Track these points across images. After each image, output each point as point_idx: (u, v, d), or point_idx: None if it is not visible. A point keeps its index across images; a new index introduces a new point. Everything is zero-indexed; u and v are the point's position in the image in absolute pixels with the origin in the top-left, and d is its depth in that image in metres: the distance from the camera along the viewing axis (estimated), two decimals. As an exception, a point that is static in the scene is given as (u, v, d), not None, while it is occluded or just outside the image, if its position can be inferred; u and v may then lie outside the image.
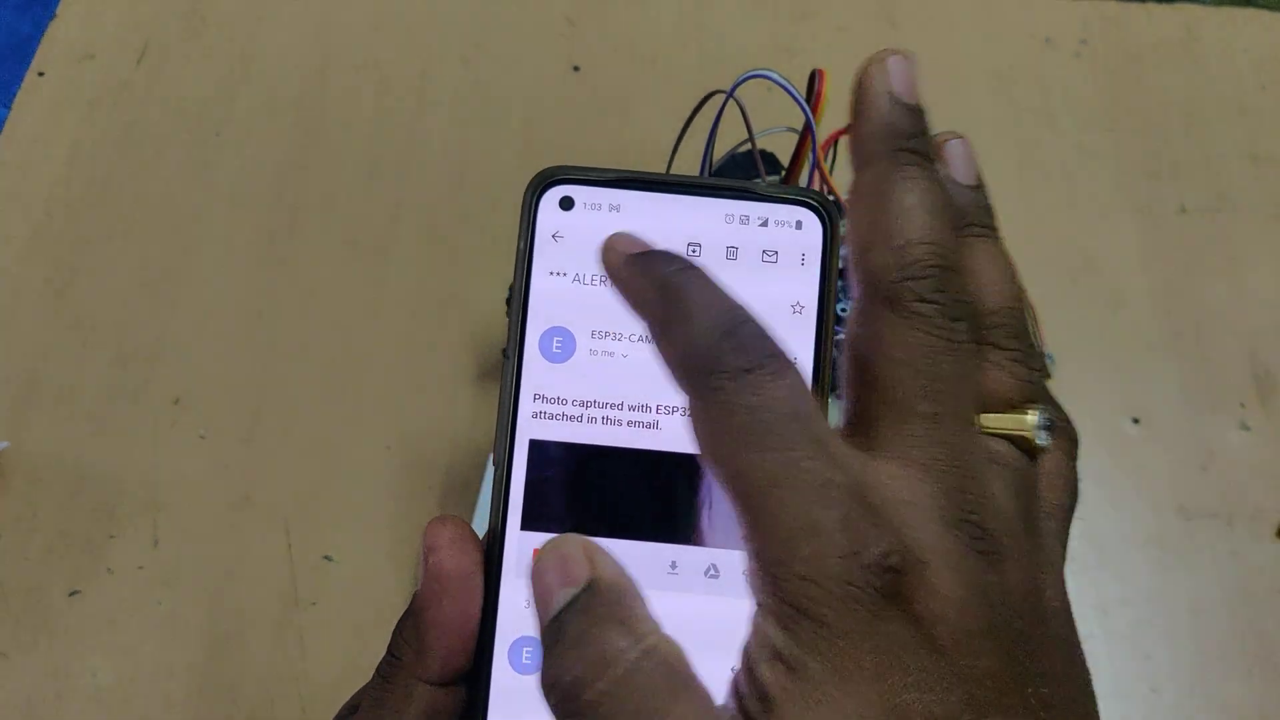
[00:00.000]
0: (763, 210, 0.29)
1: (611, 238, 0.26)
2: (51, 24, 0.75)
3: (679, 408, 0.28)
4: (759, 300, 0.27)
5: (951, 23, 0.78)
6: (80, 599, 0.53)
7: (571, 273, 0.29)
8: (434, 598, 0.28)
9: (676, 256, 0.25)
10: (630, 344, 0.29)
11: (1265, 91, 0.75)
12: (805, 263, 0.29)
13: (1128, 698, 0.53)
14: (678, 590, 0.28)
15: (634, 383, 0.28)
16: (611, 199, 0.30)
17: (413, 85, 0.73)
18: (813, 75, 0.43)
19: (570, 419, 0.28)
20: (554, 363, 0.29)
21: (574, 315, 0.29)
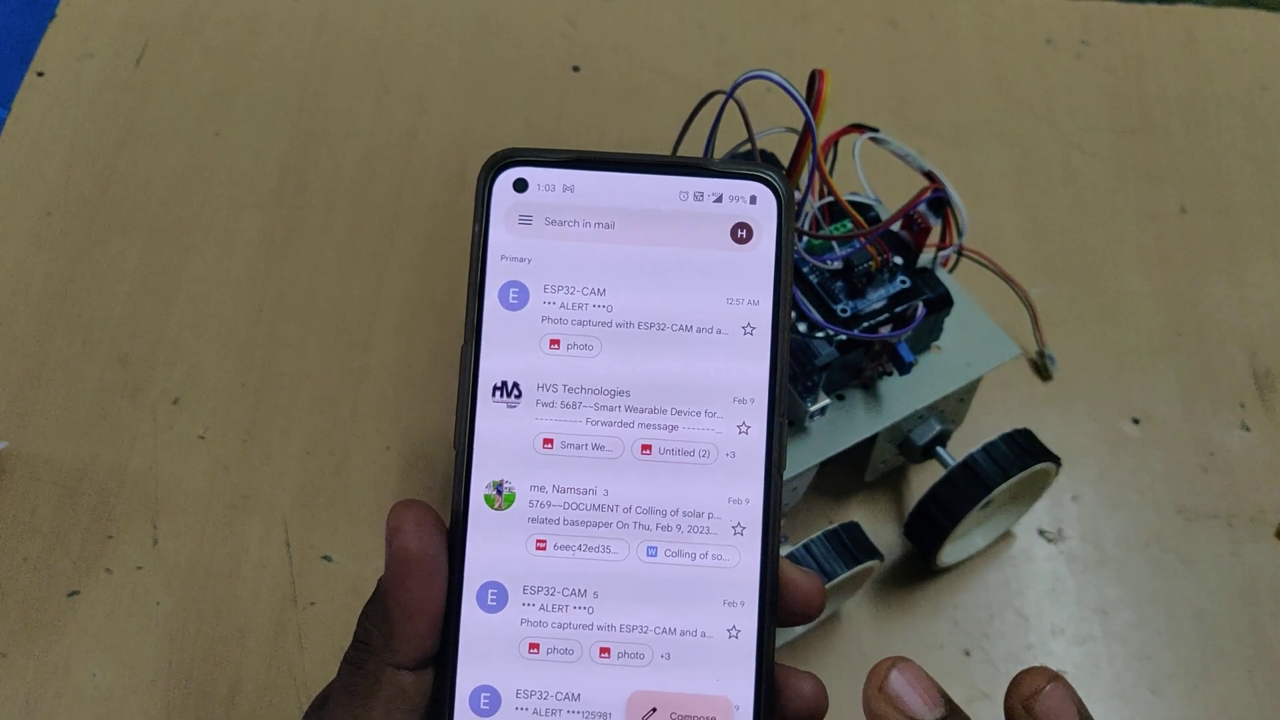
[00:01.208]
0: (716, 186, 0.30)
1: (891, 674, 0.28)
2: (51, 24, 0.75)
3: (631, 389, 0.29)
4: (718, 276, 0.28)
5: (951, 23, 0.78)
6: (79, 599, 0.53)
7: (527, 256, 0.29)
8: (399, 581, 0.28)
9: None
10: (599, 332, 0.29)
11: (1265, 91, 0.75)
12: (761, 236, 0.29)
13: (1128, 698, 0.53)
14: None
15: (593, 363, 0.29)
16: (565, 180, 0.30)
17: (413, 85, 0.73)
18: (813, 76, 0.42)
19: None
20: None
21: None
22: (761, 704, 0.28)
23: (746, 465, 0.28)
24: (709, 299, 0.29)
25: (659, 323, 0.29)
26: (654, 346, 0.29)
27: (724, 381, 0.29)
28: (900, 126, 0.72)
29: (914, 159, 0.50)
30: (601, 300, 0.29)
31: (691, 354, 0.29)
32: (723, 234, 0.29)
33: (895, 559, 0.56)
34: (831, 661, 0.53)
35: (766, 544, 0.28)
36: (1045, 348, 0.62)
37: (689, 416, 0.29)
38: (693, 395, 0.29)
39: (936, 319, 0.52)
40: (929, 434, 0.54)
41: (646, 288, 0.29)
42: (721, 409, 0.29)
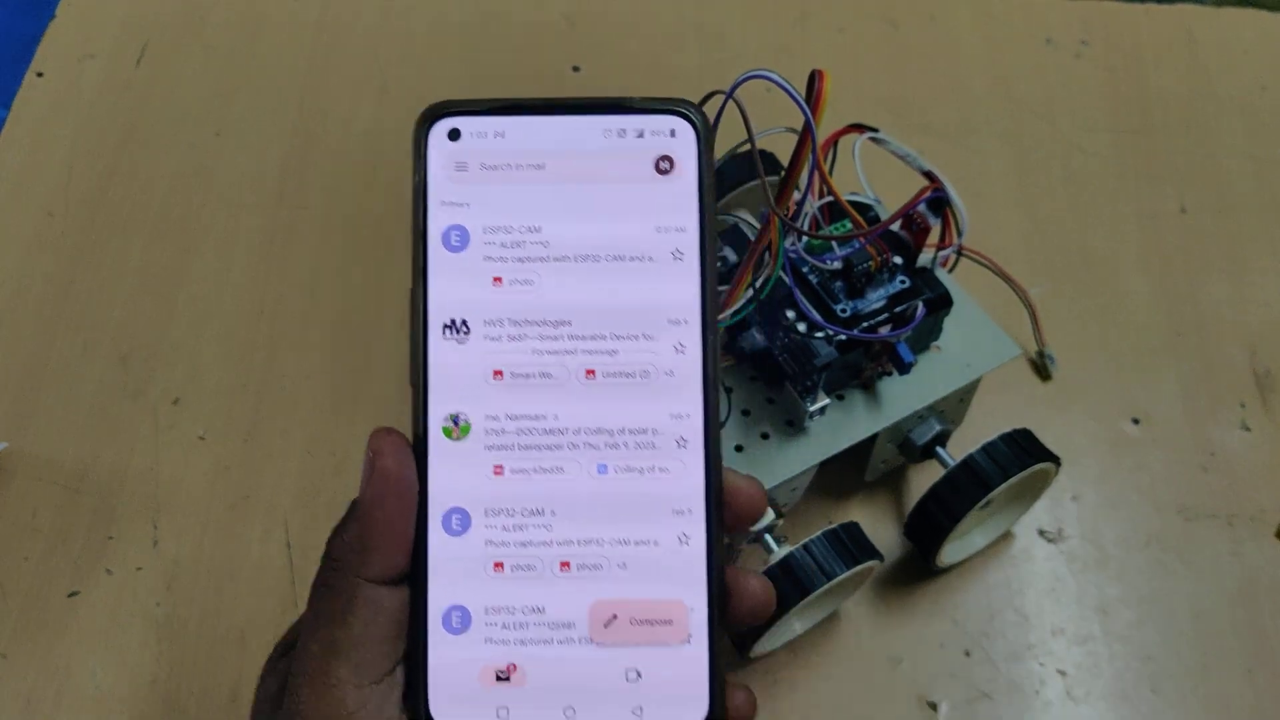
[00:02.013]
0: (637, 122, 0.32)
1: None
2: (51, 24, 0.75)
3: (572, 318, 0.31)
4: (646, 207, 0.30)
5: (951, 23, 0.78)
6: (80, 599, 0.53)
7: (465, 200, 0.31)
8: (379, 498, 0.29)
9: None
10: (538, 266, 0.31)
11: (1265, 91, 0.75)
12: (682, 166, 0.31)
13: (1128, 698, 0.53)
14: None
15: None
16: (496, 127, 0.32)
17: (413, 85, 0.73)
18: (812, 76, 0.42)
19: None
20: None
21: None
22: (714, 603, 0.30)
23: (685, 382, 0.30)
24: (638, 229, 0.31)
25: (593, 254, 0.31)
26: (590, 277, 0.31)
27: (658, 305, 0.30)
28: (900, 126, 0.72)
29: (914, 159, 0.50)
30: (538, 237, 0.31)
31: (626, 281, 0.31)
32: (646, 167, 0.31)
33: (895, 559, 0.56)
34: (831, 661, 0.53)
35: (709, 454, 0.30)
36: (1045, 348, 0.63)
37: (628, 340, 0.30)
38: (630, 320, 0.31)
39: (936, 319, 0.52)
40: (929, 434, 0.54)
41: (579, 222, 0.31)
42: (658, 331, 0.30)
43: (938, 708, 0.52)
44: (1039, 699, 0.53)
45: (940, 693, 0.53)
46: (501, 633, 0.30)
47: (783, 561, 0.48)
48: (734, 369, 0.53)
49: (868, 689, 0.53)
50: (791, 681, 0.53)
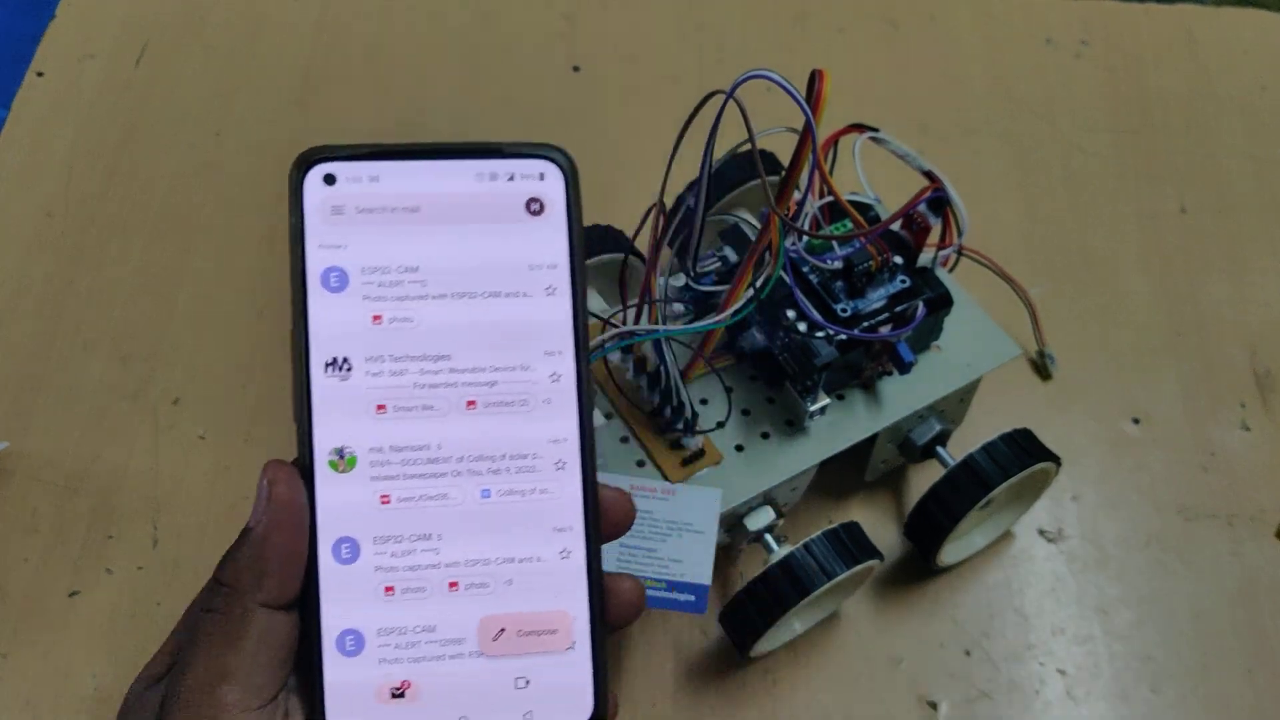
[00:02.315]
0: (509, 166, 0.33)
1: None
2: (51, 24, 0.75)
3: (452, 352, 0.32)
4: (519, 246, 0.32)
5: (951, 23, 0.78)
6: (80, 599, 0.53)
7: (342, 243, 0.32)
8: (275, 525, 0.30)
9: None
10: (416, 304, 0.32)
11: (1265, 91, 0.75)
12: (552, 207, 0.33)
13: (1128, 697, 0.53)
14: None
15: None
16: (370, 171, 0.33)
17: (413, 85, 0.73)
18: (813, 76, 0.42)
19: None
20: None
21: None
22: (595, 610, 0.32)
23: (561, 408, 0.32)
24: (512, 266, 0.32)
25: (470, 291, 0.32)
26: (468, 312, 0.32)
27: (533, 337, 0.32)
28: (900, 126, 0.72)
29: (914, 159, 0.50)
30: (415, 276, 0.32)
31: (502, 316, 0.32)
32: (519, 208, 0.33)
33: (895, 559, 0.56)
34: (831, 661, 0.53)
35: (585, 474, 0.32)
36: (1045, 348, 0.63)
37: (506, 371, 0.32)
38: (507, 352, 0.32)
39: (936, 319, 0.52)
40: (929, 434, 0.54)
41: (455, 261, 0.32)
42: (534, 361, 0.32)
43: (938, 707, 0.52)
44: (1039, 699, 0.53)
45: (940, 692, 0.53)
46: (395, 652, 0.31)
47: (783, 561, 0.48)
48: (734, 369, 0.53)
49: (868, 689, 0.53)
50: (791, 681, 0.53)
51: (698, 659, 0.53)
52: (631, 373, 0.50)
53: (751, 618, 0.49)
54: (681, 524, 0.48)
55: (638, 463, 0.50)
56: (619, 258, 0.56)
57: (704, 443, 0.50)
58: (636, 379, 0.50)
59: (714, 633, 0.53)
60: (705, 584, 0.46)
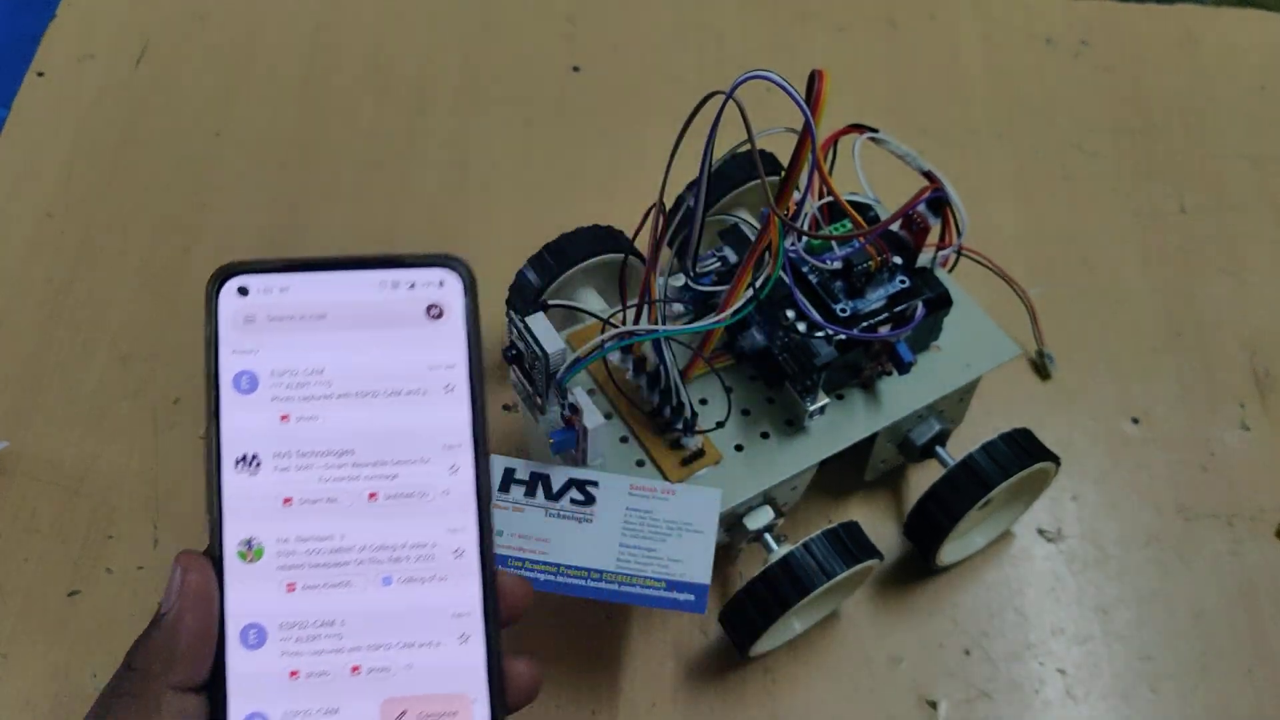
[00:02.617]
0: (410, 275, 0.35)
1: None
2: (51, 24, 0.75)
3: (355, 448, 0.34)
4: (419, 348, 0.34)
5: (951, 23, 0.78)
6: (80, 599, 0.53)
7: (254, 348, 0.34)
8: (187, 611, 0.32)
9: None
10: (322, 403, 0.34)
11: (1265, 91, 0.76)
12: (451, 312, 0.35)
13: (1128, 697, 0.53)
14: None
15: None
16: (280, 283, 0.35)
17: (413, 85, 0.73)
18: (812, 76, 0.43)
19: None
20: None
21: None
22: (494, 692, 0.33)
23: (460, 500, 0.33)
24: (413, 367, 0.34)
25: (373, 391, 0.34)
26: (371, 411, 0.34)
27: (433, 433, 0.34)
28: (900, 126, 0.72)
29: (914, 159, 0.50)
30: (321, 378, 0.34)
31: (403, 413, 0.34)
32: (419, 313, 0.35)
33: (895, 558, 0.56)
34: (831, 660, 0.53)
35: (484, 562, 0.33)
36: (1045, 347, 0.63)
37: (407, 465, 0.34)
38: (408, 447, 0.34)
39: (936, 319, 0.52)
40: (928, 433, 0.54)
41: (359, 363, 0.34)
42: (433, 455, 0.34)
43: (937, 707, 0.52)
44: (1039, 698, 0.53)
45: (940, 692, 0.53)
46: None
47: (783, 560, 0.48)
48: (734, 369, 0.53)
49: (868, 688, 0.53)
50: (791, 680, 0.53)
51: (698, 659, 0.53)
52: (631, 373, 0.50)
53: (751, 617, 0.49)
54: (681, 523, 0.48)
55: (638, 462, 0.50)
56: (619, 258, 0.56)
57: (704, 442, 0.50)
58: (636, 379, 0.50)
59: (714, 632, 0.53)
60: (705, 583, 0.46)
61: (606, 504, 0.48)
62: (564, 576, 0.46)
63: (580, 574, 0.46)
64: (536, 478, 0.49)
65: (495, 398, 0.60)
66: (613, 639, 0.53)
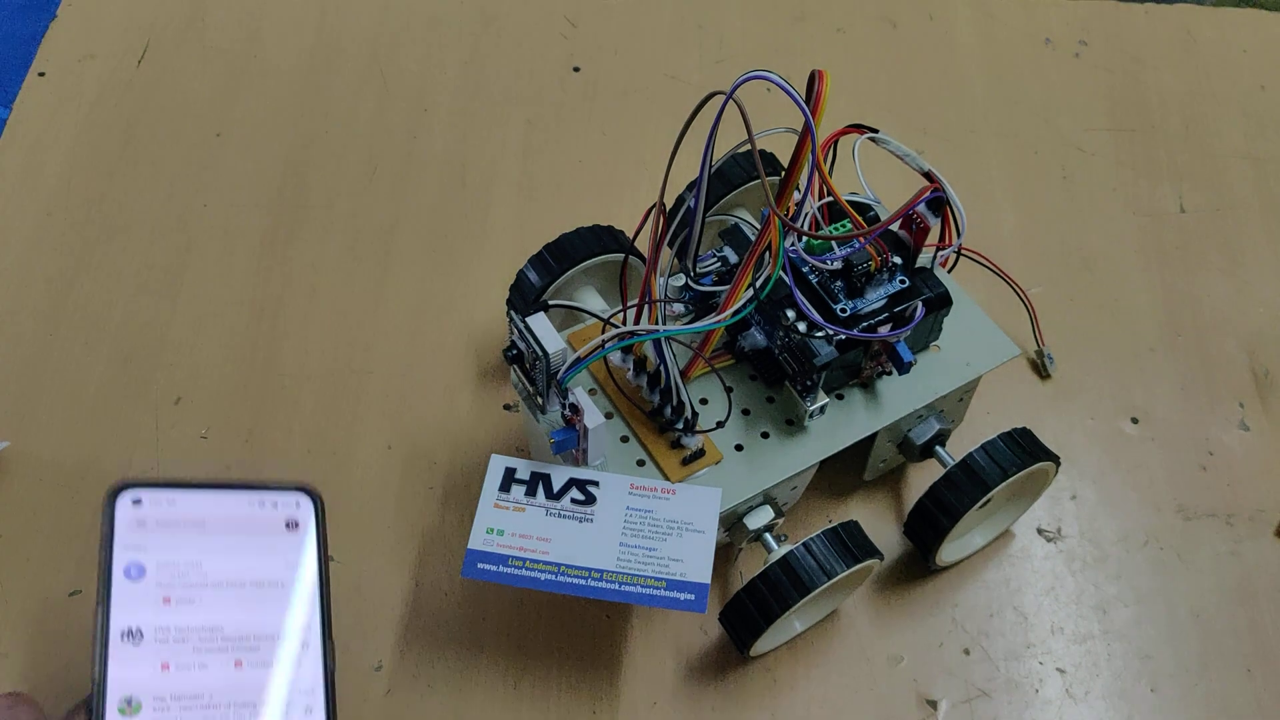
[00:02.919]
0: (274, 496, 0.44)
1: None
2: (52, 24, 0.75)
3: (224, 626, 0.41)
4: (280, 552, 0.43)
5: (951, 23, 0.78)
6: (81, 599, 0.54)
7: (144, 545, 0.42)
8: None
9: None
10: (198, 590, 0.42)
11: (1265, 91, 0.76)
12: (305, 526, 0.44)
13: (1127, 696, 0.53)
14: None
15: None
16: (168, 497, 0.43)
17: (413, 85, 0.73)
18: (812, 76, 0.43)
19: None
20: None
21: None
22: None
23: (308, 666, 0.42)
24: (274, 566, 0.43)
25: (240, 582, 0.42)
26: (238, 597, 0.42)
27: (288, 616, 0.43)
28: (900, 126, 0.72)
29: (913, 159, 0.50)
30: (199, 570, 0.42)
31: (264, 600, 0.43)
32: (280, 525, 0.44)
33: (895, 558, 0.56)
34: (831, 660, 0.53)
35: (328, 715, 0.41)
36: (1044, 347, 0.63)
37: (265, 639, 0.42)
38: (268, 624, 0.42)
39: (935, 318, 0.52)
40: (928, 433, 0.54)
41: (231, 561, 0.43)
42: (288, 633, 0.42)
43: (937, 706, 0.52)
44: (1038, 697, 0.53)
45: (940, 691, 0.53)
46: None
47: (783, 560, 0.48)
48: (734, 369, 0.53)
49: (868, 687, 0.53)
50: (791, 680, 0.53)
51: (698, 658, 0.53)
52: (632, 373, 0.50)
53: (751, 617, 0.49)
54: (681, 523, 0.48)
55: (638, 462, 0.50)
56: (619, 258, 0.56)
57: (704, 442, 0.50)
58: (637, 379, 0.51)
59: (714, 632, 0.53)
60: (705, 583, 0.47)
61: (607, 503, 0.48)
62: (565, 576, 0.46)
63: (581, 573, 0.47)
64: (537, 477, 0.49)
65: (495, 398, 0.60)
66: (613, 639, 0.53)
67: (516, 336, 0.47)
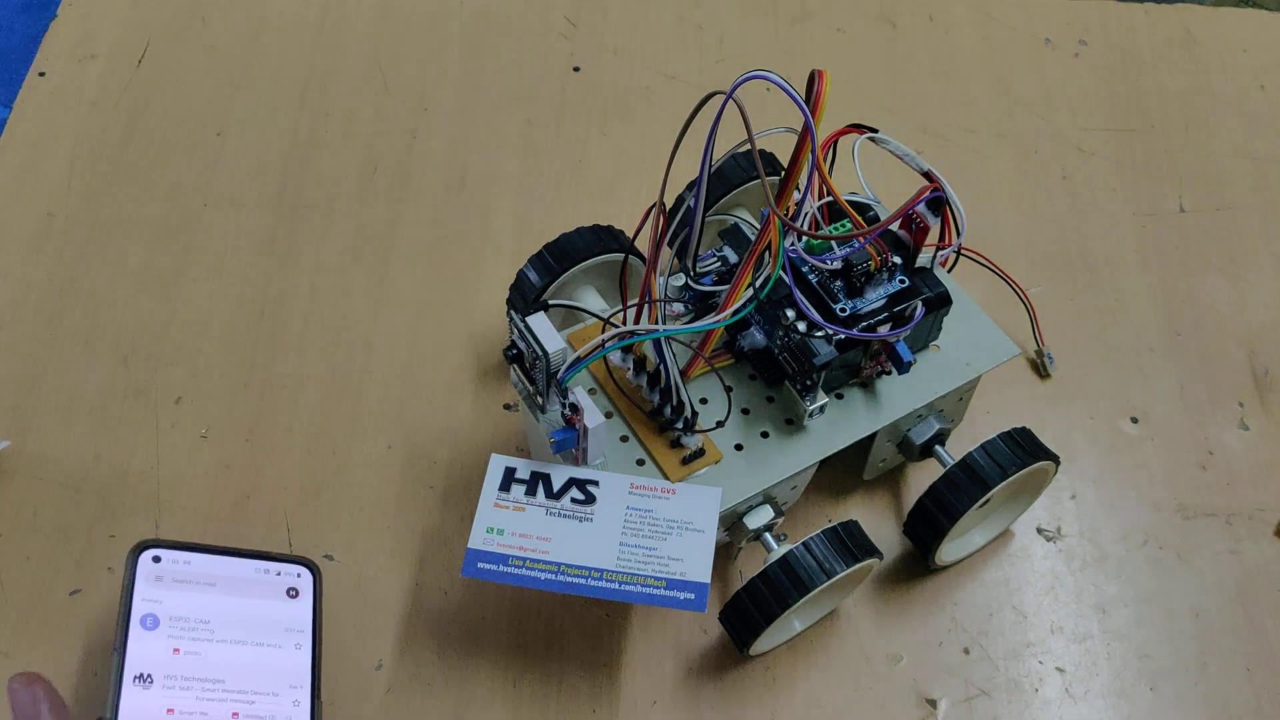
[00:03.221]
0: (278, 566, 0.51)
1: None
2: (52, 24, 0.75)
3: (225, 678, 0.47)
4: (280, 616, 0.49)
5: (951, 23, 0.78)
6: (81, 598, 0.54)
7: (160, 599, 0.47)
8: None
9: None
10: (205, 644, 0.47)
11: (1265, 91, 0.76)
12: (304, 594, 0.50)
13: (1127, 695, 0.53)
14: None
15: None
16: (184, 558, 0.49)
17: (413, 85, 0.73)
18: (812, 76, 0.43)
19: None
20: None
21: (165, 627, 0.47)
22: None
23: (298, 718, 0.47)
24: (274, 628, 0.49)
25: (244, 640, 0.48)
26: (240, 654, 0.47)
27: (283, 675, 0.48)
28: (900, 126, 0.72)
29: (913, 159, 0.50)
30: (207, 626, 0.47)
31: (263, 659, 0.48)
32: (281, 593, 0.50)
33: (894, 557, 0.56)
34: (831, 659, 0.53)
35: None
36: (1044, 347, 0.63)
37: (261, 695, 0.47)
38: (264, 683, 0.47)
39: (935, 318, 0.52)
40: (928, 433, 0.54)
41: (236, 620, 0.48)
42: (282, 691, 0.47)
43: (937, 705, 0.52)
44: (1038, 696, 0.53)
45: (939, 690, 0.53)
46: None
47: (783, 559, 0.48)
48: (734, 368, 0.53)
49: (867, 687, 0.53)
50: (791, 679, 0.53)
51: (698, 657, 0.53)
52: (632, 372, 0.51)
53: (751, 616, 0.49)
54: (681, 522, 0.48)
55: (638, 461, 0.50)
56: (619, 258, 0.56)
57: (704, 441, 0.50)
58: (637, 378, 0.51)
59: (714, 631, 0.53)
60: (705, 582, 0.47)
61: (607, 503, 0.48)
62: (565, 575, 0.46)
63: (581, 573, 0.47)
64: (537, 477, 0.49)
65: (495, 398, 0.60)
66: (613, 638, 0.53)
67: (516, 336, 0.47)
